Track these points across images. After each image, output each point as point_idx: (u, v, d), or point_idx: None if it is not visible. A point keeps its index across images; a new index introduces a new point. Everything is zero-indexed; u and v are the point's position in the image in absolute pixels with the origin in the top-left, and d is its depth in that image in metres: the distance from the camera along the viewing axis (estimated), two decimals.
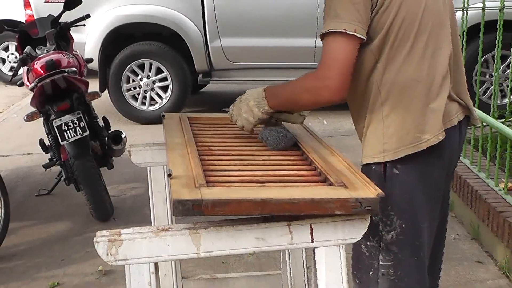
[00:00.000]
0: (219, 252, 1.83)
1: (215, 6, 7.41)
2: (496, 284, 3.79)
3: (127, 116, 7.80)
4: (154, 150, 2.67)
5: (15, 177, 5.87)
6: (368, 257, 2.36)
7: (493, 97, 5.87)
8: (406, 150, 2.21)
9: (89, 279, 3.94)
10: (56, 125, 4.45)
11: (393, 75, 2.19)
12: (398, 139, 2.21)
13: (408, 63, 2.18)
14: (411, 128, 2.20)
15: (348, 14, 2.09)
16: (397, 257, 2.32)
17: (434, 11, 2.24)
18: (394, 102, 2.20)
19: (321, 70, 2.15)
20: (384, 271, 2.34)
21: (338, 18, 2.10)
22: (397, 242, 2.31)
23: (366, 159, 2.29)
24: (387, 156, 2.23)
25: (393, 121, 2.21)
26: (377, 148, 2.24)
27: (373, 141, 2.26)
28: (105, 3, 7.65)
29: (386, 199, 2.14)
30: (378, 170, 2.26)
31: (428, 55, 2.21)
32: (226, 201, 1.76)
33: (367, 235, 2.20)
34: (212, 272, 3.76)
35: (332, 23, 2.10)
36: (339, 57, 2.12)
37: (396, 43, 2.17)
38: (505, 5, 5.48)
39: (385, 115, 2.22)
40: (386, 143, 2.22)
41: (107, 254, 1.78)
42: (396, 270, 2.34)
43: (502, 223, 3.89)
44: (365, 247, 2.35)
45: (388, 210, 2.27)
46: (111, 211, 4.86)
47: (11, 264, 4.20)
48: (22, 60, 4.65)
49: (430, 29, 2.21)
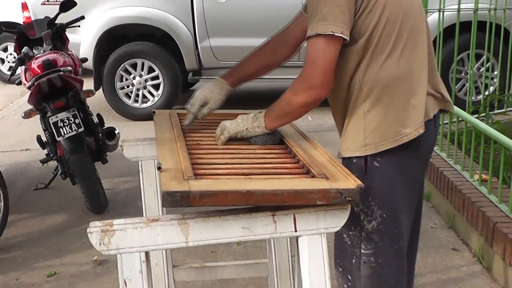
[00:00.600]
0: (207, 241, 1.83)
1: (204, 8, 7.41)
2: (470, 270, 3.81)
3: (120, 113, 7.77)
4: (145, 145, 2.67)
5: (14, 171, 5.85)
6: (350, 246, 2.38)
7: (468, 94, 5.90)
8: (388, 144, 2.23)
9: (84, 269, 3.94)
10: (53, 122, 4.44)
11: (375, 73, 2.20)
12: (380, 133, 2.23)
13: (389, 62, 2.20)
14: (393, 123, 2.22)
15: (335, 16, 2.09)
16: (377, 245, 2.34)
17: (411, 11, 2.26)
18: (376, 99, 2.22)
19: (307, 70, 2.16)
20: (365, 259, 2.36)
21: (325, 21, 2.09)
22: (378, 231, 2.33)
23: (347, 152, 2.30)
24: (369, 150, 2.24)
25: (374, 116, 2.22)
26: (358, 142, 2.26)
27: (354, 135, 2.27)
28: (99, 5, 7.62)
29: (367, 190, 2.18)
30: (359, 163, 2.28)
31: (407, 54, 2.22)
32: (213, 193, 1.76)
33: (349, 225, 2.24)
34: (201, 261, 3.75)
35: (320, 26, 2.10)
36: (324, 57, 2.12)
37: (380, 43, 2.18)
38: (478, 7, 5.53)
39: (367, 110, 2.23)
40: (367, 138, 2.24)
41: (100, 244, 1.78)
42: (377, 258, 2.36)
43: (476, 213, 3.91)
44: (347, 237, 2.37)
45: (369, 201, 2.29)
46: (105, 203, 4.85)
47: (10, 255, 4.19)
48: (20, 60, 4.64)
49: (409, 29, 2.23)
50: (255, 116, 2.31)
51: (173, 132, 2.40)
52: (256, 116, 2.31)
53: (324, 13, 2.09)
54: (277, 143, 2.34)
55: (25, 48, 4.71)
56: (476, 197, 4.03)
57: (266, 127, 2.29)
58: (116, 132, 5.00)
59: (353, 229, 2.34)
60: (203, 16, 7.44)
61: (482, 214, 3.82)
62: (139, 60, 7.68)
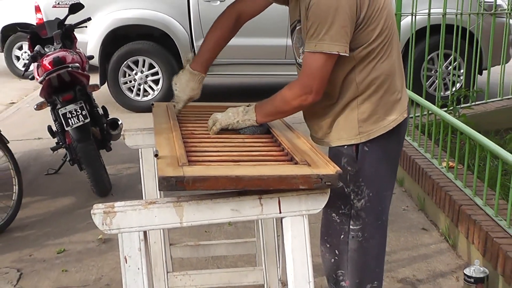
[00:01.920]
0: (199, 222, 1.82)
1: (200, 10, 7.41)
2: (438, 247, 3.82)
3: (123, 106, 7.73)
4: (144, 134, 2.65)
5: (27, 158, 5.83)
6: (339, 223, 2.43)
7: (437, 90, 5.93)
8: (379, 131, 2.30)
9: (90, 246, 3.93)
10: (62, 113, 4.43)
11: (370, 73, 2.25)
12: (371, 123, 2.29)
13: (381, 62, 2.26)
14: (381, 113, 2.30)
15: (340, 37, 2.10)
16: (364, 221, 2.41)
17: (393, 15, 2.31)
18: (368, 94, 2.27)
19: (308, 80, 2.17)
20: (353, 234, 2.43)
21: (331, 40, 2.09)
22: (365, 208, 2.39)
23: (340, 141, 2.34)
24: (363, 138, 2.31)
25: (366, 108, 2.28)
26: (352, 132, 2.31)
27: (348, 126, 2.31)
28: (104, 7, 7.58)
29: (358, 173, 2.32)
30: (350, 150, 2.33)
31: (391, 54, 2.29)
32: (205, 178, 1.74)
33: (339, 205, 2.38)
34: (196, 240, 3.74)
35: (325, 45, 2.10)
36: (323, 70, 2.15)
37: (375, 50, 2.23)
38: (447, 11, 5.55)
39: (359, 104, 2.28)
40: (361, 127, 2.29)
41: (102, 224, 1.77)
42: (363, 232, 2.42)
43: (443, 196, 3.92)
44: (336, 215, 2.42)
45: (359, 182, 2.35)
46: (109, 187, 4.84)
47: (24, 233, 4.18)
48: (32, 57, 4.63)
49: (393, 35, 2.28)
50: (244, 109, 2.30)
51: (170, 122, 2.38)
52: (246, 110, 2.30)
53: (331, 34, 2.08)
54: (264, 133, 2.33)
55: (38, 46, 4.71)
56: (443, 182, 4.04)
57: (257, 121, 2.29)
58: (119, 123, 4.99)
59: (343, 208, 2.40)
60: (199, 18, 7.43)
61: (449, 198, 3.83)
62: (141, 57, 7.64)
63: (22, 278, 3.55)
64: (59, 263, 3.72)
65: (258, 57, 7.55)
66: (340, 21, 2.07)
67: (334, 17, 2.06)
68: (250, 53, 7.48)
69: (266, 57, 7.52)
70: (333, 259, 2.50)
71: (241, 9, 2.52)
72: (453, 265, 3.59)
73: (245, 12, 2.52)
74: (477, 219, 3.44)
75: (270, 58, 7.48)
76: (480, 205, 3.60)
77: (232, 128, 2.29)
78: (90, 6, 6.76)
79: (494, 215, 3.43)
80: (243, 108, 2.31)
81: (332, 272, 2.53)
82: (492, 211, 3.46)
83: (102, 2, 7.60)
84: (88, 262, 3.71)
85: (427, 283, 3.39)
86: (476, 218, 3.46)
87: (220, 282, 2.99)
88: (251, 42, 7.27)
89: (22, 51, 10.53)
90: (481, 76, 6.91)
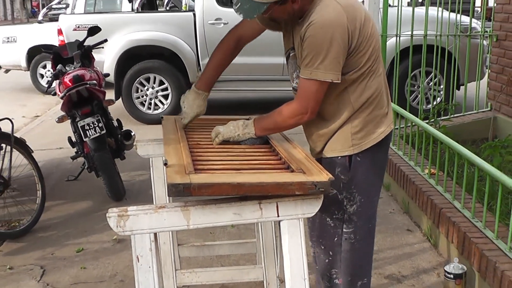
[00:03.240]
0: (204, 225, 1.81)
1: (205, 32, 7.41)
2: (421, 246, 3.80)
3: (136, 118, 7.71)
4: (155, 145, 2.64)
5: (50, 166, 5.81)
6: (333, 227, 2.42)
7: (420, 103, 5.93)
8: (370, 142, 2.31)
9: (106, 246, 3.91)
10: (80, 125, 4.44)
11: (362, 92, 2.26)
12: (363, 135, 2.30)
13: (371, 81, 2.27)
14: (372, 126, 2.30)
15: (333, 66, 2.11)
16: (356, 224, 2.40)
17: (379, 41, 2.33)
18: (361, 111, 2.28)
19: (304, 102, 2.18)
20: (346, 236, 2.42)
21: (325, 70, 2.11)
22: (357, 213, 2.39)
23: (334, 152, 2.34)
24: (355, 149, 2.31)
25: (359, 123, 2.29)
26: (346, 144, 2.30)
27: (342, 139, 2.31)
28: (119, 30, 7.58)
29: (351, 181, 2.33)
30: (343, 160, 2.33)
31: (378, 72, 2.29)
32: (210, 185, 1.74)
33: (333, 210, 2.38)
34: (202, 241, 3.73)
35: (320, 74, 2.11)
36: (317, 94, 2.16)
37: (367, 71, 2.24)
38: (428, 33, 5.57)
39: (353, 119, 2.28)
40: (354, 139, 2.29)
41: (116, 226, 1.77)
42: (355, 234, 2.42)
43: (426, 200, 3.90)
44: (330, 220, 2.41)
45: (352, 189, 2.34)
46: (123, 192, 4.82)
47: (46, 234, 4.16)
48: (55, 75, 4.62)
49: (379, 55, 2.30)
50: (244, 123, 2.29)
51: (177, 134, 2.38)
52: (246, 124, 2.29)
53: (325, 64, 2.09)
54: (262, 144, 2.32)
55: (59, 65, 4.70)
56: (426, 188, 4.02)
57: (256, 134, 2.28)
58: (132, 134, 4.99)
59: (337, 213, 2.40)
60: (204, 39, 7.43)
61: (431, 202, 3.81)
62: (152, 74, 7.63)
63: (45, 274, 3.54)
64: (78, 261, 3.70)
65: (257, 74, 7.55)
66: (333, 53, 2.08)
67: (328, 49, 2.07)
68: (250, 71, 7.49)
69: (264, 74, 7.52)
70: (327, 260, 2.49)
71: (241, 34, 2.52)
72: (434, 262, 3.57)
73: (244, 36, 2.52)
74: (456, 221, 3.43)
75: (268, 75, 7.48)
76: (459, 208, 3.58)
77: (233, 141, 2.29)
78: (107, 29, 6.76)
79: (471, 217, 3.42)
80: (243, 122, 2.30)
81: (326, 271, 2.53)
82: (469, 214, 3.44)
83: (117, 26, 7.62)
84: (104, 260, 3.69)
85: (411, 279, 3.38)
86: (455, 220, 3.45)
87: (224, 278, 2.98)
88: (251, 61, 7.27)
89: (45, 69, 10.54)
90: (458, 91, 6.91)
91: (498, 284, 2.86)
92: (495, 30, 5.85)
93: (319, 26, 2.07)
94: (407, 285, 3.31)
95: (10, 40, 10.54)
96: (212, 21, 7.41)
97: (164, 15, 8.02)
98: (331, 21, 2.07)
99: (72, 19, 7.96)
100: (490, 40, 6.02)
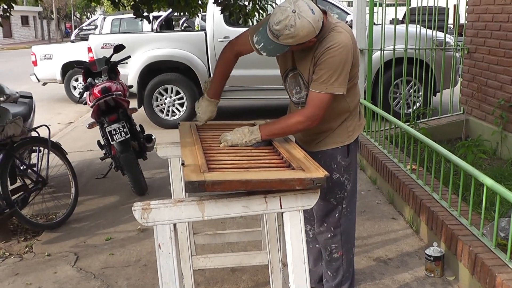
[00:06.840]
0: (217, 216, 1.80)
1: (215, 48, 7.40)
2: (405, 233, 3.78)
3: (156, 124, 7.70)
4: (172, 147, 2.62)
5: (82, 166, 5.81)
6: (335, 205, 2.59)
7: (402, 108, 5.92)
8: (357, 133, 2.54)
9: (131, 235, 3.90)
10: (108, 130, 4.44)
11: (352, 100, 2.46)
12: (353, 130, 2.52)
13: (356, 87, 2.46)
14: (357, 120, 2.54)
15: (344, 81, 2.26)
16: (350, 199, 2.62)
17: None
18: (352, 114, 2.51)
19: (313, 111, 2.26)
20: (344, 211, 2.60)
21: (339, 85, 2.23)
22: (351, 190, 2.60)
23: (336, 144, 2.49)
24: (351, 139, 2.54)
25: (352, 122, 2.51)
26: (345, 137, 2.50)
27: (342, 133, 2.49)
28: (141, 48, 7.58)
29: (350, 164, 2.54)
30: (344, 149, 2.50)
31: (357, 85, 2.48)
32: (222, 181, 1.73)
33: (337, 191, 2.55)
34: (214, 229, 3.72)
35: (335, 89, 2.23)
36: (327, 105, 2.27)
37: (354, 81, 2.41)
38: (408, 47, 5.56)
39: (348, 120, 2.50)
40: (349, 133, 2.50)
41: (141, 218, 1.76)
42: (349, 208, 2.62)
43: (408, 192, 3.88)
44: (334, 200, 2.58)
45: (349, 171, 2.55)
46: (146, 188, 4.81)
47: (80, 225, 4.15)
48: (85, 87, 4.62)
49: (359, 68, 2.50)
50: (249, 130, 2.27)
51: (193, 137, 2.36)
52: (251, 130, 2.27)
53: (339, 81, 2.23)
54: (266, 145, 2.31)
55: (89, 78, 4.71)
56: (408, 181, 4.00)
57: (262, 139, 2.27)
58: (153, 138, 4.98)
59: (339, 193, 2.56)
60: (214, 54, 7.41)
61: (412, 193, 3.79)
62: (169, 85, 7.62)
63: (78, 260, 3.53)
64: (107, 248, 3.69)
65: (260, 84, 7.53)
66: (346, 71, 2.23)
67: (343, 68, 2.21)
68: (254, 81, 7.48)
69: (267, 84, 7.50)
70: (329, 235, 2.63)
71: (239, 50, 2.55)
72: (416, 246, 3.55)
73: (242, 50, 2.55)
74: (435, 210, 3.41)
75: (270, 85, 7.46)
76: (437, 199, 3.56)
77: (241, 146, 2.27)
78: (130, 46, 6.79)
79: (448, 207, 3.40)
80: (248, 129, 2.27)
81: (327, 246, 2.66)
82: (446, 204, 3.42)
83: (139, 44, 7.61)
84: (130, 247, 3.68)
85: (396, 261, 3.36)
86: (434, 209, 3.43)
87: (233, 262, 2.97)
88: (255, 73, 7.28)
89: (77, 82, 10.54)
90: (435, 97, 6.90)
91: (472, 265, 2.84)
92: (467, 43, 5.83)
93: (338, 49, 2.19)
94: (393, 266, 3.29)
95: (47, 57, 10.55)
96: (221, 39, 7.40)
97: (180, 34, 8.00)
98: (346, 45, 2.20)
99: (100, 38, 7.96)
100: (462, 52, 6.00)
